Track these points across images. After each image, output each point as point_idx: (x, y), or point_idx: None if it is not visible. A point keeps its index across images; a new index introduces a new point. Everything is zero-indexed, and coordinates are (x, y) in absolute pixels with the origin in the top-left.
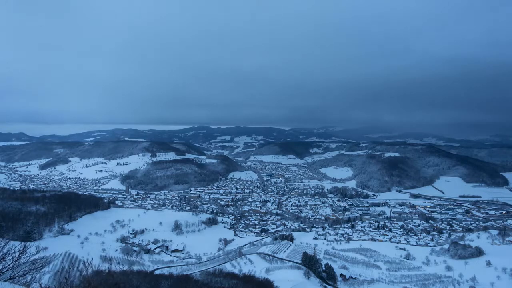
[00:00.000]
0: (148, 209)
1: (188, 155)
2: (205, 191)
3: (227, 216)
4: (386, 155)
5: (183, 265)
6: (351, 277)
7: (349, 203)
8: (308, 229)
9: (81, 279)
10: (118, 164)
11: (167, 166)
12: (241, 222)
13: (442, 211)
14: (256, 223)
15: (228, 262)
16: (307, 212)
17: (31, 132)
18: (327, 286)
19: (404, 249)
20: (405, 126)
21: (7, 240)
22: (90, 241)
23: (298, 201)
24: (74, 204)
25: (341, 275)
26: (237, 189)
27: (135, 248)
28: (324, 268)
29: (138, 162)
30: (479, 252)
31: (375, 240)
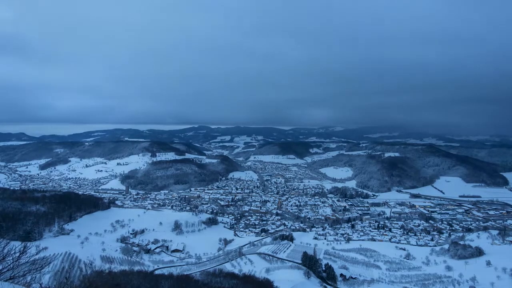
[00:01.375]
0: (148, 209)
1: (188, 155)
2: (205, 191)
3: (227, 216)
4: (386, 155)
5: (183, 265)
6: (351, 277)
7: (349, 203)
8: (308, 229)
9: (81, 279)
10: (118, 164)
11: (167, 166)
12: (241, 222)
13: (442, 211)
14: (256, 223)
15: (228, 262)
16: (307, 212)
17: (31, 132)
18: (327, 286)
19: (404, 249)
20: (405, 126)
21: (8, 241)
22: (90, 241)
23: (298, 201)
24: (74, 204)
25: (341, 275)
26: (237, 189)
27: (135, 248)
28: (324, 268)
29: (138, 162)
30: (479, 252)
31: (375, 240)
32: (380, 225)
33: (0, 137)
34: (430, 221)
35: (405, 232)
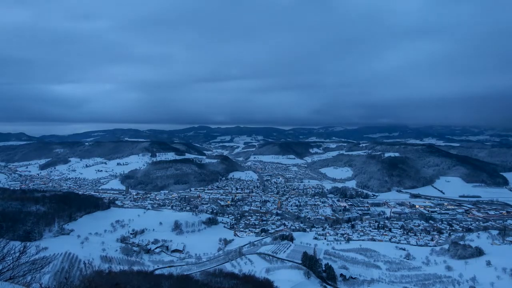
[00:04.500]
0: (148, 209)
1: (188, 155)
2: (205, 191)
3: (227, 216)
4: (386, 155)
5: (183, 265)
6: (351, 277)
7: (349, 203)
8: (308, 229)
9: (81, 279)
10: (118, 164)
11: (167, 166)
12: (241, 222)
13: (442, 211)
14: (256, 223)
15: (228, 262)
16: (307, 212)
17: (31, 132)
18: (327, 286)
19: (404, 249)
20: (405, 126)
21: (8, 241)
22: (90, 241)
23: (298, 201)
24: (74, 204)
25: (341, 275)
26: (237, 189)
27: (135, 248)
28: (324, 268)
29: (138, 162)
30: (479, 252)
31: (375, 240)
32: (380, 225)
33: (0, 137)
34: (430, 221)
35: (405, 232)
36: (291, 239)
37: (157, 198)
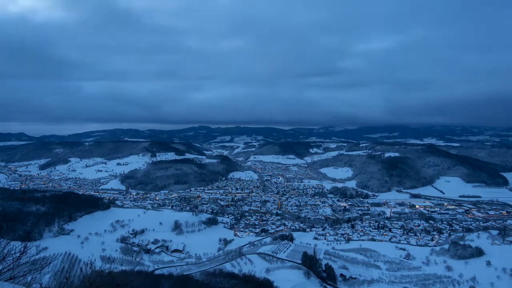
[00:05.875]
0: (148, 209)
1: (188, 155)
2: (205, 191)
3: (227, 216)
4: (386, 155)
5: (183, 265)
6: (351, 277)
7: (349, 203)
8: (308, 229)
9: (81, 279)
10: (118, 164)
11: (167, 166)
12: (241, 222)
13: (442, 211)
14: (256, 223)
15: (228, 262)
16: (307, 212)
17: (31, 132)
18: (327, 286)
19: (404, 249)
20: (405, 126)
21: (8, 241)
22: (90, 241)
23: (298, 201)
24: (74, 204)
25: (341, 275)
26: (237, 189)
27: (135, 248)
28: (324, 268)
29: (138, 162)
30: (479, 252)
31: (375, 240)
32: (380, 225)
33: (0, 137)
34: (430, 221)
35: (405, 232)
36: (291, 239)
37: (157, 198)
